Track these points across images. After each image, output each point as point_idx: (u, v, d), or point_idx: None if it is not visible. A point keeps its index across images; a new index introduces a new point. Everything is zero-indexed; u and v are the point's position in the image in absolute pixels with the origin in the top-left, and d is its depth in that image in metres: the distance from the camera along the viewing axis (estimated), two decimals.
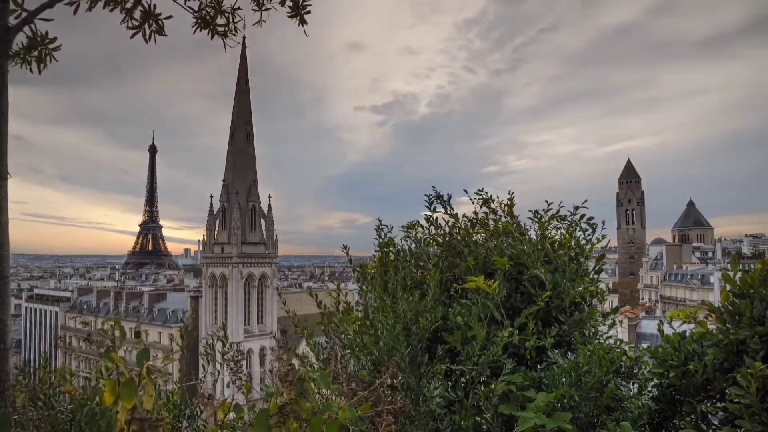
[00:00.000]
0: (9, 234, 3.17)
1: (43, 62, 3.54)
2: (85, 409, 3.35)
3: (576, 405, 2.82)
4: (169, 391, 3.98)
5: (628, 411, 2.93)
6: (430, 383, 3.19)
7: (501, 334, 3.09)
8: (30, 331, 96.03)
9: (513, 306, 3.48)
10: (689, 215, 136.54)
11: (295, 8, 3.81)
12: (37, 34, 3.44)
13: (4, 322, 3.09)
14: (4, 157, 3.13)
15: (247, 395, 2.64)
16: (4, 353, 3.09)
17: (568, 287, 3.45)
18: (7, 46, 3.17)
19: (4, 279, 3.10)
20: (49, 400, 3.76)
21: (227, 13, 3.82)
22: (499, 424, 2.93)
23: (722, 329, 2.79)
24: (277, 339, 3.36)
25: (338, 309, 4.11)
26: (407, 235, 4.20)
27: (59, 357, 77.47)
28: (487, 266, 3.67)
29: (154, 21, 3.57)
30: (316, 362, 3.95)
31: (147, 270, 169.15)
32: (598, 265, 3.78)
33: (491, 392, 2.92)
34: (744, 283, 2.80)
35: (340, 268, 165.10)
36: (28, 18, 3.28)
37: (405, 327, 3.42)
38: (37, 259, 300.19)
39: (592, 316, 3.53)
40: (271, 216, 70.72)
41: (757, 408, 2.33)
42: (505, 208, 4.07)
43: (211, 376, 3.94)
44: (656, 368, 2.98)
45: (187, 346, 4.57)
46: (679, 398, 2.92)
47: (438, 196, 4.17)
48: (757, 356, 2.50)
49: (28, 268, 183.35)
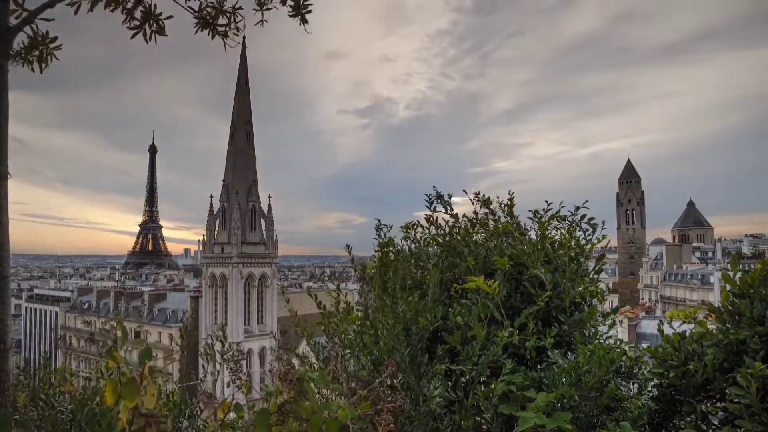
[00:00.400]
0: (9, 234, 3.17)
1: (44, 62, 3.54)
2: (86, 409, 3.36)
3: (576, 405, 2.82)
4: (170, 391, 3.99)
5: (628, 411, 2.93)
6: (430, 383, 3.19)
7: (501, 334, 3.09)
8: (30, 331, 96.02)
9: (513, 306, 3.48)
10: (689, 215, 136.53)
11: (296, 7, 3.81)
12: (38, 34, 3.44)
13: (4, 322, 3.09)
14: (5, 158, 3.13)
15: (246, 395, 2.64)
16: (4, 353, 3.09)
17: (568, 287, 3.45)
18: (8, 46, 3.17)
19: (4, 279, 3.10)
20: (50, 400, 3.77)
21: (228, 13, 3.82)
22: (499, 424, 2.93)
23: (722, 329, 2.80)
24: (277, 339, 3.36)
25: (338, 309, 4.11)
26: (407, 236, 4.20)
27: (59, 357, 77.48)
28: (487, 266, 3.67)
29: (155, 21, 3.57)
30: (317, 362, 3.95)
31: (147, 270, 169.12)
32: (598, 265, 3.78)
33: (491, 392, 2.92)
34: (744, 283, 2.80)
35: (340, 267, 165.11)
36: (28, 18, 3.28)
37: (405, 327, 3.42)
38: (37, 259, 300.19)
39: (592, 316, 3.53)
40: (271, 216, 70.72)
41: (757, 408, 2.33)
42: (505, 208, 4.07)
43: (211, 376, 3.94)
44: (656, 368, 2.98)
45: (187, 345, 4.57)
46: (679, 398, 2.92)
47: (438, 195, 4.17)
48: (757, 356, 2.50)
49: (28, 268, 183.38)
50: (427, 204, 4.16)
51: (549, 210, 3.87)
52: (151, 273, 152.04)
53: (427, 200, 4.16)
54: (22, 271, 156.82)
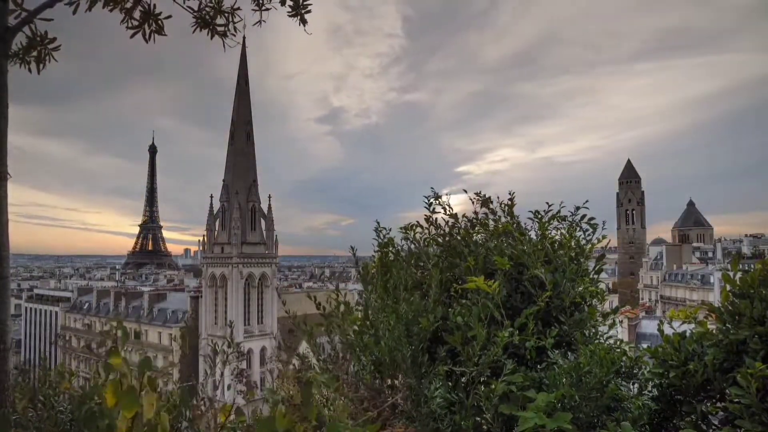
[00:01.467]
0: (9, 234, 3.17)
1: (42, 62, 3.54)
2: (84, 408, 3.35)
3: (576, 405, 2.82)
4: (170, 392, 3.98)
5: (628, 411, 2.93)
6: (431, 384, 3.18)
7: (501, 335, 3.09)
8: (30, 331, 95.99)
9: (513, 306, 3.48)
10: (689, 215, 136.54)
11: (295, 7, 3.81)
12: (37, 34, 3.43)
13: (3, 322, 3.09)
14: (4, 158, 3.13)
15: (249, 399, 2.63)
16: (4, 353, 3.09)
17: (568, 287, 3.45)
18: (7, 45, 3.16)
19: (3, 279, 3.10)
20: (49, 400, 3.76)
21: (227, 13, 3.81)
22: (500, 424, 2.92)
23: (722, 329, 2.79)
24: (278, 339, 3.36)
25: (338, 309, 4.11)
26: (406, 236, 4.20)
27: (59, 357, 77.41)
28: (487, 266, 3.67)
29: (154, 21, 3.57)
30: (317, 362, 3.94)
31: (147, 270, 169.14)
32: (598, 265, 3.78)
33: (492, 392, 2.92)
34: (744, 283, 2.80)
35: (340, 268, 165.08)
36: (27, 18, 3.28)
37: (406, 327, 3.42)
38: (37, 259, 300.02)
39: (592, 316, 3.53)
40: (271, 216, 70.70)
41: (757, 408, 2.33)
42: (505, 208, 4.07)
43: (211, 378, 3.94)
44: (656, 368, 2.98)
45: (187, 345, 4.56)
46: (679, 398, 2.92)
47: (437, 196, 4.17)
48: (757, 356, 2.50)
49: (28, 268, 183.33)
50: (426, 205, 4.16)
51: (549, 211, 3.87)
52: (151, 273, 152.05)
53: (425, 201, 4.16)
54: (22, 271, 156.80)
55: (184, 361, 52.20)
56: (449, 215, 4.18)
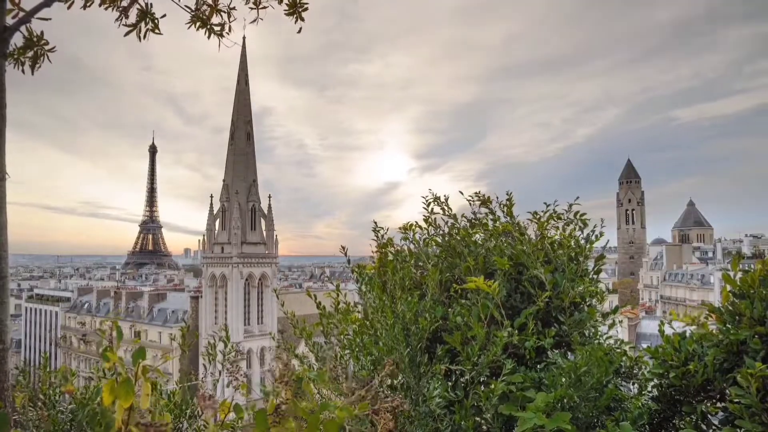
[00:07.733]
0: (8, 234, 3.16)
1: (37, 63, 3.52)
2: (86, 409, 3.35)
3: (576, 405, 2.81)
4: (170, 392, 3.98)
5: (627, 411, 2.92)
6: (429, 383, 3.18)
7: (500, 335, 3.08)
8: (30, 331, 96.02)
9: (513, 306, 3.47)
10: (689, 215, 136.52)
11: (292, 6, 3.80)
12: (33, 35, 3.42)
13: (3, 322, 3.09)
14: (3, 158, 3.12)
15: (246, 395, 2.63)
16: (4, 353, 3.08)
17: (567, 287, 3.44)
18: (5, 45, 3.15)
19: (3, 279, 3.10)
20: (49, 400, 3.76)
21: (223, 12, 3.80)
22: (499, 424, 2.92)
23: (722, 329, 2.79)
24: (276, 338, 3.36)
25: (338, 309, 4.10)
26: (404, 236, 4.20)
27: (60, 357, 77.46)
28: (487, 266, 3.67)
29: (150, 19, 3.55)
30: (316, 362, 3.94)
31: (147, 270, 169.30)
32: (597, 265, 3.77)
33: (491, 392, 2.91)
34: (744, 283, 2.79)
35: (340, 268, 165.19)
36: (25, 17, 3.27)
37: (404, 327, 3.41)
38: (37, 259, 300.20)
39: (592, 316, 3.52)
40: (271, 216, 70.74)
41: (757, 408, 2.32)
42: (504, 208, 4.07)
43: (211, 377, 3.94)
44: (656, 368, 2.97)
45: (188, 345, 4.56)
46: (679, 398, 2.91)
47: (435, 197, 4.17)
48: (757, 356, 2.49)
49: (28, 268, 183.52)
50: (425, 206, 4.16)
51: (548, 211, 3.86)
52: (151, 273, 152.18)
53: (424, 202, 4.16)
54: (22, 271, 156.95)
55: (185, 361, 52.23)
56: (449, 215, 4.17)
